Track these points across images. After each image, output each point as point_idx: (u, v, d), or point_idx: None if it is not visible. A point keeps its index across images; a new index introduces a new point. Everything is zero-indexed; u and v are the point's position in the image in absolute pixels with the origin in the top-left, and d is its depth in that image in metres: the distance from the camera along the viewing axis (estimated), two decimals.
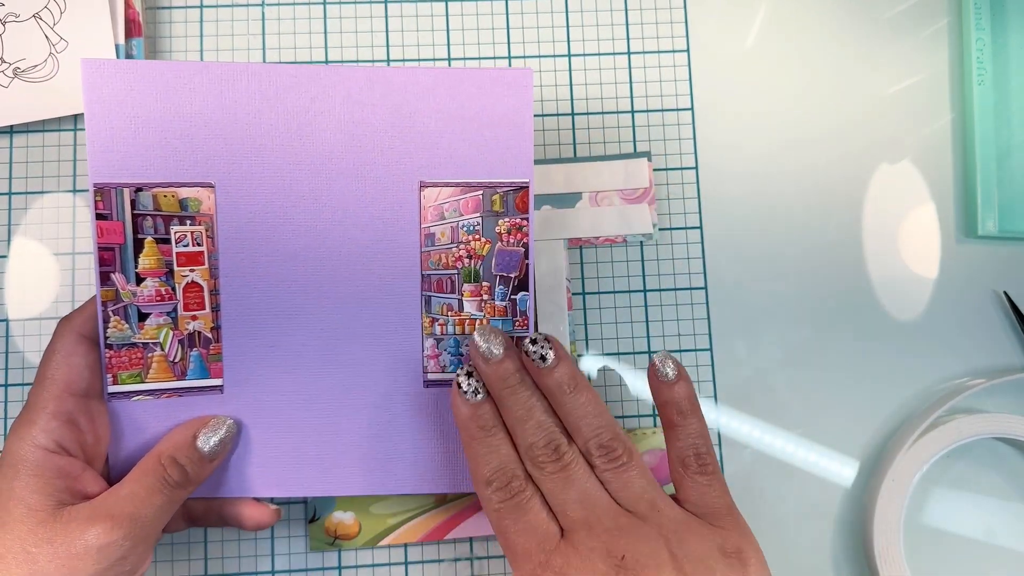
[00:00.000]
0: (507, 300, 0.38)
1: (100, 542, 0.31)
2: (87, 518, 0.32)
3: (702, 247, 0.46)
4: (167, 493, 0.34)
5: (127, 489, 0.33)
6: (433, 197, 0.37)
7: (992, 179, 0.46)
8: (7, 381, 0.44)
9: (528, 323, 0.38)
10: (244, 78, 0.35)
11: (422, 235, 0.37)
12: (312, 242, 0.37)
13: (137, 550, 0.32)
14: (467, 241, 0.37)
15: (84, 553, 0.31)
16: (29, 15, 0.44)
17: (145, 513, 0.33)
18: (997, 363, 0.46)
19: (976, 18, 0.47)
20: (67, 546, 0.31)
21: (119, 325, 0.36)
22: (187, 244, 0.36)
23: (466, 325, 0.38)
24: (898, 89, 0.48)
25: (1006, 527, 0.46)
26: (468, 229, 0.37)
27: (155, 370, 0.36)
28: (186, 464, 0.34)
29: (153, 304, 0.36)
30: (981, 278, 0.47)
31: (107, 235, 0.35)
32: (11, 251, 0.44)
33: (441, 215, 0.37)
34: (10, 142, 0.45)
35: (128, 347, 0.36)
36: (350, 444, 0.38)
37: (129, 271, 0.36)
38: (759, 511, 0.45)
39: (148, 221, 0.36)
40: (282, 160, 0.36)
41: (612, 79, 0.47)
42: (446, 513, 0.43)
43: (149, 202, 0.35)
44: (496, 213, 0.37)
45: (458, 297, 0.38)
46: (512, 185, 0.37)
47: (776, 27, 0.48)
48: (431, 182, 0.37)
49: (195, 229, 0.36)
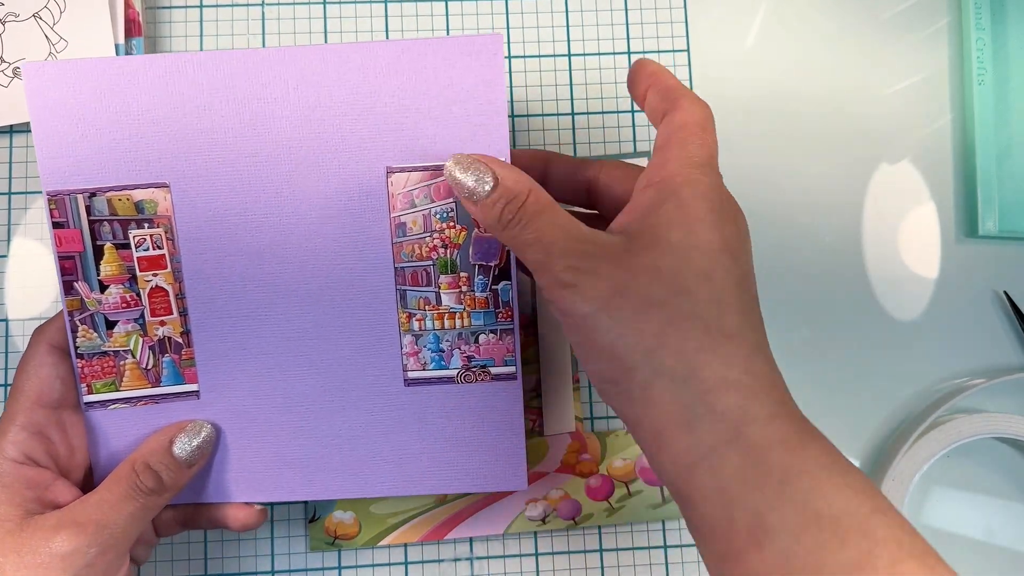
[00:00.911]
0: (488, 291, 0.35)
1: (64, 549, 0.31)
2: (53, 526, 0.31)
3: None
4: (140, 500, 0.33)
5: (97, 496, 0.33)
6: (402, 183, 0.35)
7: (992, 179, 0.46)
8: (7, 381, 0.44)
9: (512, 314, 0.36)
10: (190, 69, 0.34)
11: (392, 225, 0.35)
12: (276, 238, 0.35)
13: (106, 557, 0.32)
14: (441, 229, 0.35)
15: (49, 561, 0.31)
16: (29, 15, 0.44)
17: (114, 520, 0.32)
18: (997, 363, 0.46)
19: (976, 18, 0.47)
20: (32, 555, 0.31)
21: (88, 334, 0.35)
22: (147, 248, 0.35)
23: (445, 319, 0.36)
24: (898, 89, 0.48)
25: (1006, 527, 0.45)
26: (442, 216, 0.35)
27: (129, 378, 0.36)
28: (161, 471, 0.34)
29: (119, 311, 0.35)
30: (981, 278, 0.47)
31: (66, 243, 0.34)
32: (11, 251, 0.44)
33: (411, 203, 0.35)
34: (10, 142, 0.45)
35: (99, 356, 0.35)
36: (331, 447, 0.36)
37: (92, 279, 0.35)
38: None
39: (105, 227, 0.34)
40: (237, 153, 0.34)
41: (612, 79, 0.47)
42: (446, 513, 0.43)
43: (104, 207, 0.34)
44: None
45: (435, 290, 0.35)
46: None
47: (776, 27, 0.48)
48: (398, 167, 0.34)
49: (154, 232, 0.35)
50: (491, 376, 0.36)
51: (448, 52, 0.34)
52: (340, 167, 0.35)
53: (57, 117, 0.34)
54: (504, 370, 0.36)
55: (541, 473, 0.44)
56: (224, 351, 0.36)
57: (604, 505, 0.44)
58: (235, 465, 0.36)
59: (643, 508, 0.44)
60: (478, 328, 0.36)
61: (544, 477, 0.44)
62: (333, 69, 0.34)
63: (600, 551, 0.44)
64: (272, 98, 0.34)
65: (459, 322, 0.36)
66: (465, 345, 0.36)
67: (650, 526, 0.44)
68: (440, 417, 0.36)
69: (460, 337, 0.36)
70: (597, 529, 0.44)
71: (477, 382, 0.36)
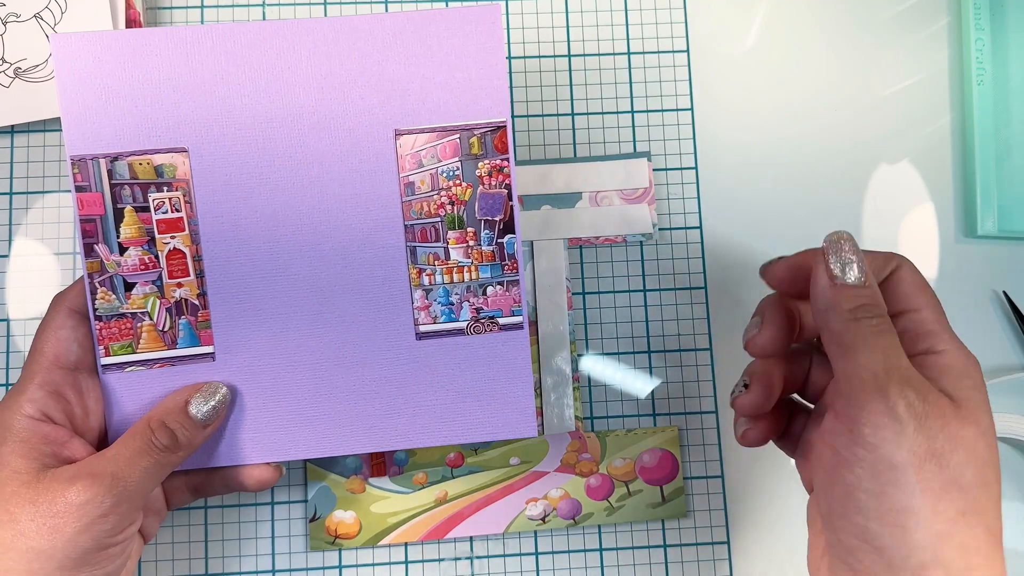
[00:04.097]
0: (494, 244, 0.37)
1: (79, 500, 0.31)
2: (69, 477, 0.32)
3: (702, 247, 0.46)
4: (154, 456, 0.33)
5: (113, 451, 0.33)
6: (409, 145, 0.36)
7: (992, 179, 0.46)
8: (7, 380, 0.44)
9: (518, 266, 0.37)
10: (208, 39, 0.35)
11: (401, 185, 0.37)
12: (291, 200, 0.36)
13: (119, 509, 0.32)
14: (448, 187, 0.37)
15: (64, 511, 0.31)
16: (30, 15, 0.44)
17: (128, 474, 0.33)
18: (997, 363, 0.46)
19: (976, 18, 0.47)
20: (48, 505, 0.31)
21: (106, 296, 0.36)
22: (166, 211, 0.36)
23: (454, 273, 0.37)
24: (898, 89, 0.48)
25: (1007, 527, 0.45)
26: (448, 175, 0.37)
27: (146, 340, 0.36)
28: (176, 429, 0.34)
29: (138, 273, 0.36)
30: (981, 278, 0.47)
31: (87, 207, 0.35)
32: (11, 251, 0.44)
33: (419, 163, 0.36)
34: (11, 142, 0.45)
35: (117, 318, 0.36)
36: (346, 403, 0.37)
37: (112, 241, 0.36)
38: (760, 511, 0.45)
39: (126, 190, 0.35)
40: (253, 119, 0.36)
41: (612, 79, 0.47)
42: (446, 512, 0.43)
43: (125, 171, 0.35)
44: (475, 156, 0.37)
45: (444, 245, 0.37)
46: (489, 126, 0.36)
47: (776, 27, 0.48)
48: (406, 129, 0.36)
49: (172, 195, 0.36)
50: (499, 326, 0.38)
51: (450, 22, 0.36)
52: (351, 131, 0.36)
53: (82, 85, 0.35)
54: (511, 320, 0.38)
55: (541, 473, 0.44)
56: (239, 313, 0.37)
57: (604, 505, 0.44)
58: (250, 426, 0.37)
59: (643, 508, 0.44)
60: (485, 280, 0.37)
61: (544, 477, 0.44)
62: (344, 39, 0.36)
63: (600, 551, 0.44)
64: (286, 67, 0.36)
65: (467, 275, 0.37)
66: (474, 297, 0.37)
67: (650, 526, 0.44)
68: (451, 369, 0.38)
69: (468, 290, 0.37)
70: (597, 529, 0.44)
71: (486, 333, 0.38)
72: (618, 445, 0.44)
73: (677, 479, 0.44)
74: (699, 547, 0.44)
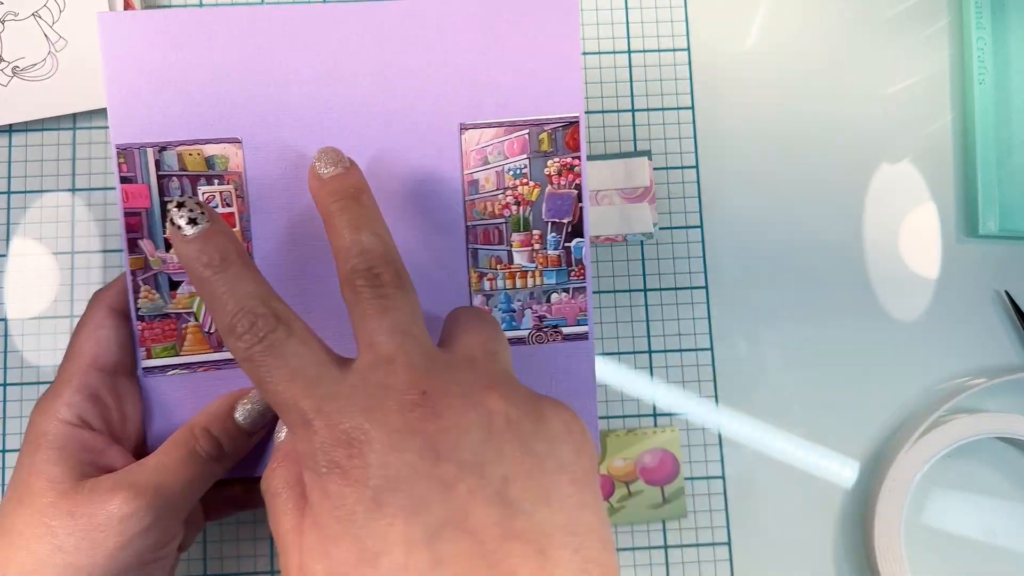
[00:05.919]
0: (560, 248, 0.35)
1: (122, 512, 0.29)
2: (110, 488, 0.30)
3: (703, 246, 0.46)
4: (198, 466, 0.31)
5: (155, 460, 0.31)
6: (475, 140, 0.34)
7: (993, 178, 0.46)
8: (6, 380, 0.44)
9: (585, 272, 0.35)
10: (267, 22, 0.33)
11: (465, 183, 0.34)
12: None
13: (161, 524, 0.30)
14: (514, 186, 0.34)
15: (106, 524, 0.29)
16: (28, 14, 0.44)
17: (171, 485, 0.31)
18: (998, 362, 0.46)
19: (977, 17, 0.47)
20: (88, 518, 0.29)
21: (150, 295, 0.33)
22: (216, 205, 0.33)
23: (517, 278, 0.35)
24: (898, 89, 0.48)
25: (1007, 527, 0.45)
26: (515, 173, 0.34)
27: (190, 342, 0.34)
28: (221, 436, 0.32)
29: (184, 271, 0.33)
30: (982, 277, 0.47)
31: (133, 199, 0.33)
32: (10, 251, 0.44)
33: (485, 159, 0.34)
34: (9, 141, 0.45)
35: (160, 318, 0.33)
36: None
37: (157, 236, 0.33)
38: (760, 512, 0.45)
39: (174, 182, 0.33)
40: (311, 110, 0.33)
41: (612, 78, 0.47)
42: None
43: (174, 162, 0.33)
44: (544, 153, 0.34)
45: (507, 248, 0.35)
46: (561, 121, 0.34)
47: (776, 27, 0.48)
48: (472, 124, 0.34)
49: (224, 189, 0.33)
50: (563, 336, 0.35)
51: (524, 8, 0.33)
52: (414, 124, 0.34)
53: (129, 69, 0.32)
54: (576, 330, 0.36)
55: None
56: None
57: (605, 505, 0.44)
58: None
59: (643, 508, 0.44)
60: (550, 287, 0.35)
61: None
62: (410, 24, 0.33)
63: None
64: (347, 54, 0.33)
65: (531, 281, 0.35)
66: (537, 305, 0.35)
67: (650, 526, 0.44)
68: None
69: (532, 296, 0.35)
70: None
71: (549, 342, 0.35)
72: (618, 446, 0.44)
73: (678, 479, 0.44)
74: (700, 548, 0.44)
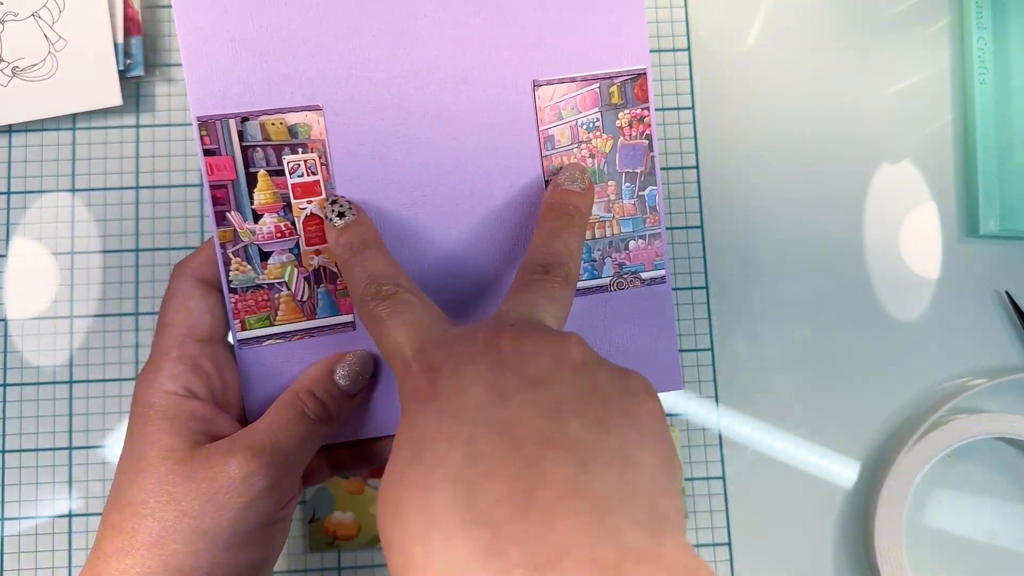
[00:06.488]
0: (635, 197, 0.36)
1: (241, 473, 0.29)
2: (226, 451, 0.30)
3: (702, 247, 0.46)
4: (308, 426, 0.32)
5: (265, 422, 0.31)
6: (548, 96, 0.34)
7: (994, 178, 0.46)
8: (6, 381, 0.44)
9: (660, 219, 0.36)
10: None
11: (541, 138, 0.35)
12: (428, 159, 0.34)
13: (281, 483, 0.30)
14: (588, 140, 0.35)
15: (228, 486, 0.29)
16: (28, 14, 0.44)
17: (285, 444, 0.31)
18: (999, 363, 0.46)
19: (977, 17, 0.47)
20: (210, 481, 0.29)
21: (241, 267, 0.33)
22: (302, 174, 0.33)
23: (595, 228, 0.35)
24: (898, 89, 0.48)
25: (1008, 528, 0.45)
26: (588, 127, 0.35)
27: (284, 311, 0.34)
28: (325, 398, 0.32)
29: (274, 241, 0.34)
30: (983, 278, 0.47)
31: (217, 171, 0.33)
32: (10, 251, 0.44)
33: (559, 115, 0.35)
34: (9, 141, 0.45)
35: (253, 290, 0.33)
36: None
37: (245, 208, 0.33)
38: (760, 512, 0.45)
39: (259, 152, 0.33)
40: (386, 73, 0.33)
41: None
42: None
43: (257, 132, 0.33)
44: (615, 106, 0.35)
45: None
46: (629, 73, 0.35)
47: (776, 27, 0.48)
48: (544, 80, 0.34)
49: (308, 157, 0.33)
50: (642, 281, 0.36)
51: None
52: (487, 83, 0.34)
53: (206, 39, 0.32)
54: (654, 274, 0.36)
55: None
56: None
57: None
58: (393, 396, 0.35)
59: None
60: (627, 235, 0.36)
61: None
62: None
63: None
64: (418, 16, 0.33)
65: (609, 230, 0.36)
66: (616, 253, 0.36)
67: None
68: (596, 327, 0.36)
69: (611, 245, 0.36)
70: None
71: (629, 288, 0.36)
72: None
73: None
74: (700, 548, 0.44)
